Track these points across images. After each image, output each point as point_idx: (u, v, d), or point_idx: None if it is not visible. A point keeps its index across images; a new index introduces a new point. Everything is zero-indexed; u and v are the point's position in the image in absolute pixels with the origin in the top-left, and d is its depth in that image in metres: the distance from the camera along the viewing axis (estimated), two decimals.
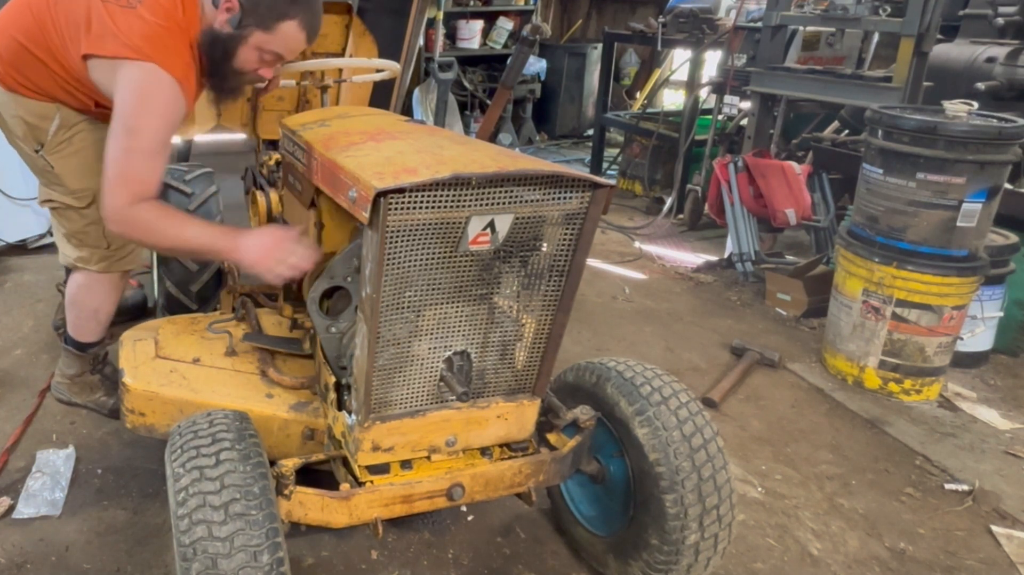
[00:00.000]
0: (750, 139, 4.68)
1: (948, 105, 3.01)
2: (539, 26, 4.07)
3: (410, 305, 1.64)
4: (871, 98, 3.81)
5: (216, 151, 7.05)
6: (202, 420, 1.68)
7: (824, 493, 2.57)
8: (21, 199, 4.26)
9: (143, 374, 2.13)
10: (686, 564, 1.85)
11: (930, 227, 2.99)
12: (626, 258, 4.84)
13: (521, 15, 8.21)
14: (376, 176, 1.49)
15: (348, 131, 1.99)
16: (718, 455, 1.84)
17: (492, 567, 2.19)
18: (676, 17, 5.64)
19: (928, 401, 3.16)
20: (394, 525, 2.28)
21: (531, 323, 1.77)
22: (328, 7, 3.46)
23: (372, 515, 1.74)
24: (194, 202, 2.94)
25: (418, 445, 1.79)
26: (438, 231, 1.55)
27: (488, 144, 1.87)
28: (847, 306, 3.26)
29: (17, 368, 3.18)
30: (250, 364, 2.22)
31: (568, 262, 1.69)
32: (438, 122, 4.72)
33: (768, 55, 4.49)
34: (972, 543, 2.36)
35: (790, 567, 2.23)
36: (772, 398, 3.17)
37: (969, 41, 4.16)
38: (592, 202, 1.62)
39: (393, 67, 2.71)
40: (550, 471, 1.90)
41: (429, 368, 1.74)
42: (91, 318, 2.60)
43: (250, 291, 2.75)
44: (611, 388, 1.94)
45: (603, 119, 6.51)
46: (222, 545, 1.43)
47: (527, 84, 7.84)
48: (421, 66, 7.35)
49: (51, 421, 2.80)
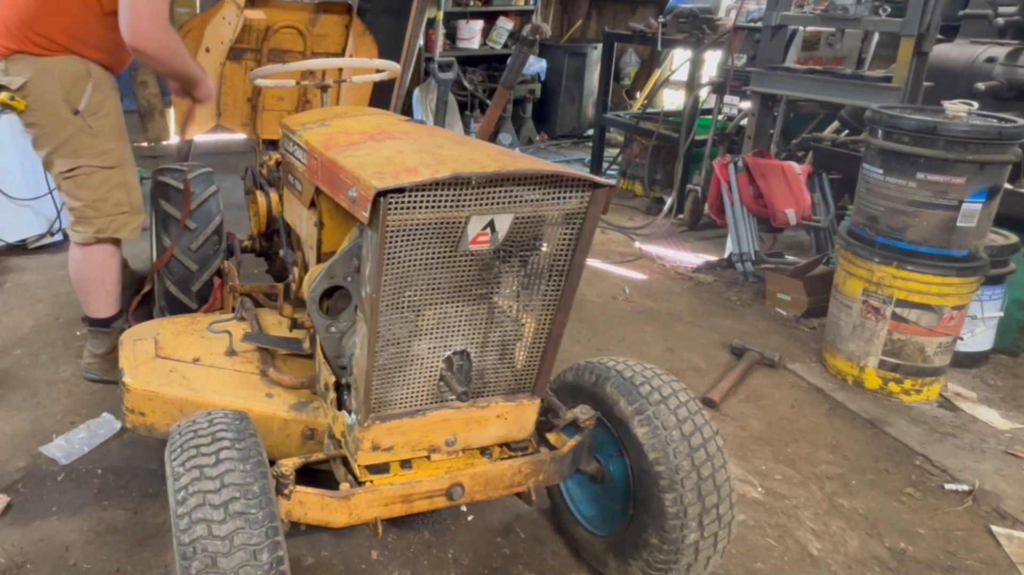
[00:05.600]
0: (750, 139, 4.68)
1: (948, 105, 3.02)
2: (539, 26, 4.07)
3: (410, 305, 1.64)
4: (871, 98, 3.81)
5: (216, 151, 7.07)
6: (202, 419, 1.68)
7: (824, 493, 2.57)
8: (21, 199, 4.27)
9: (143, 374, 2.13)
10: (686, 563, 1.85)
11: (930, 227, 2.99)
12: (626, 258, 4.84)
13: (521, 15, 8.22)
14: (376, 176, 1.49)
15: (348, 131, 1.99)
16: (717, 454, 1.84)
17: (492, 567, 2.19)
18: (676, 17, 5.65)
19: (928, 401, 3.16)
20: (394, 525, 2.29)
21: (531, 323, 1.77)
22: (328, 7, 3.47)
23: (372, 515, 1.74)
24: (194, 201, 2.94)
25: (418, 445, 1.79)
26: (438, 231, 1.55)
27: (488, 144, 1.87)
28: (847, 306, 3.26)
29: (17, 368, 3.18)
30: (250, 364, 2.22)
31: (568, 262, 1.69)
32: (438, 122, 4.72)
33: (768, 55, 4.49)
34: (972, 543, 2.36)
35: (790, 567, 2.23)
36: (772, 398, 3.17)
37: (969, 41, 4.16)
38: (592, 202, 1.62)
39: (393, 67, 2.71)
40: (550, 471, 1.90)
41: (429, 368, 1.74)
42: (99, 290, 2.80)
43: (250, 290, 2.75)
44: (610, 387, 1.94)
45: (603, 119, 6.51)
46: (222, 544, 1.43)
47: (527, 84, 7.84)
48: (421, 66, 7.36)
49: (51, 421, 2.80)
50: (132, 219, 2.77)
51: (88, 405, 2.90)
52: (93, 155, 2.62)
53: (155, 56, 2.44)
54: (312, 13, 3.48)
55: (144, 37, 2.37)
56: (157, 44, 2.41)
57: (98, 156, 2.63)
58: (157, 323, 2.46)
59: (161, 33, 2.40)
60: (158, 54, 2.44)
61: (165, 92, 6.75)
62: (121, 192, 2.70)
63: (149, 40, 2.38)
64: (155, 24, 2.37)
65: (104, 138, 2.64)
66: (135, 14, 2.33)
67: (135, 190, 2.77)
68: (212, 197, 3.00)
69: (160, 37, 2.41)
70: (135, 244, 3.77)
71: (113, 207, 2.70)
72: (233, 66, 3.44)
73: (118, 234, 2.74)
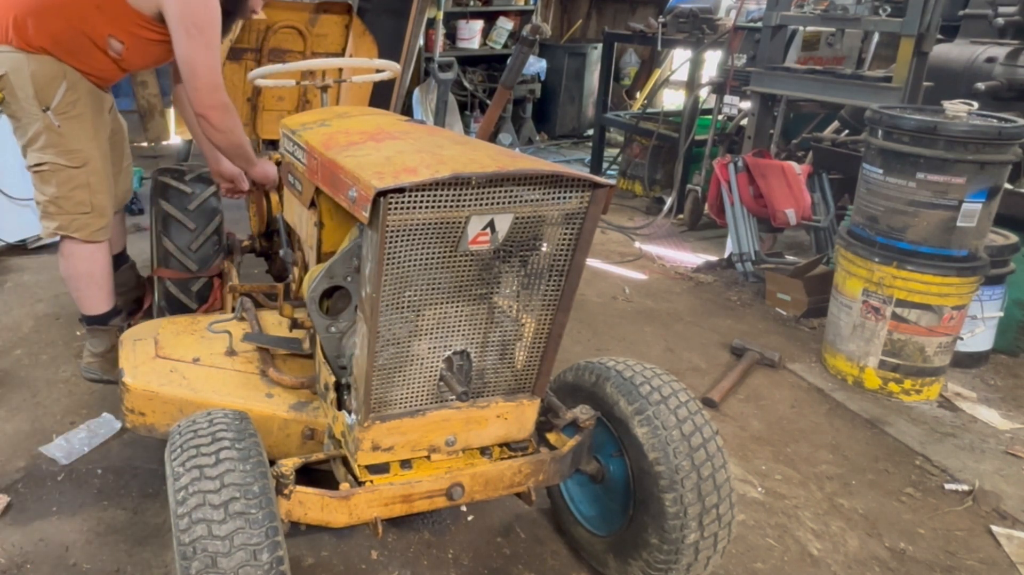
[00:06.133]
0: (750, 139, 4.68)
1: (948, 105, 3.01)
2: (539, 26, 4.07)
3: (410, 305, 1.64)
4: (871, 98, 3.81)
5: None
6: (202, 419, 1.68)
7: (824, 493, 2.57)
8: (21, 199, 4.26)
9: (143, 374, 2.13)
10: (686, 563, 1.85)
11: (930, 227, 2.99)
12: (626, 258, 4.84)
13: (521, 15, 8.22)
14: (376, 176, 1.49)
15: (348, 131, 1.99)
16: (717, 454, 1.84)
17: (492, 567, 2.19)
18: (676, 17, 5.64)
19: (928, 401, 3.16)
20: (394, 525, 2.29)
21: (531, 323, 1.77)
22: (328, 7, 3.48)
23: (372, 515, 1.74)
24: (194, 201, 2.94)
25: (418, 445, 1.79)
26: (438, 231, 1.55)
27: (488, 144, 1.87)
28: (847, 306, 3.26)
29: (17, 368, 3.18)
30: (250, 364, 2.22)
31: (568, 262, 1.69)
32: (438, 122, 4.72)
33: (768, 55, 4.49)
34: (972, 543, 2.36)
35: (790, 567, 2.23)
36: (772, 398, 3.17)
37: (969, 41, 4.16)
38: (592, 202, 1.62)
39: (393, 67, 2.71)
40: (550, 471, 1.90)
41: (429, 368, 1.74)
42: (90, 284, 2.82)
43: (250, 290, 2.75)
44: (610, 387, 1.94)
45: (603, 119, 6.51)
46: (222, 544, 1.43)
47: (527, 84, 7.84)
48: (421, 66, 7.35)
49: (51, 421, 2.80)
50: (93, 221, 2.75)
51: (88, 405, 2.90)
52: (59, 153, 2.64)
53: (218, 125, 2.53)
54: (312, 13, 3.48)
55: (208, 106, 2.48)
56: (221, 114, 2.51)
57: (64, 155, 2.64)
58: (157, 323, 2.46)
59: (222, 103, 2.51)
60: (221, 124, 2.53)
61: (165, 92, 6.74)
62: (84, 193, 2.70)
63: (213, 109, 2.49)
64: (216, 96, 2.48)
65: (72, 138, 2.65)
66: (197, 89, 2.46)
67: (100, 193, 2.74)
68: (212, 197, 3.00)
69: (222, 106, 2.52)
70: (135, 244, 3.77)
71: (75, 206, 2.70)
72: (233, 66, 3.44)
73: (78, 234, 2.73)
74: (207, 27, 2.43)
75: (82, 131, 2.66)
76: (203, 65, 2.44)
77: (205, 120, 2.53)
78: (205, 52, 2.44)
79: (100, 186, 2.75)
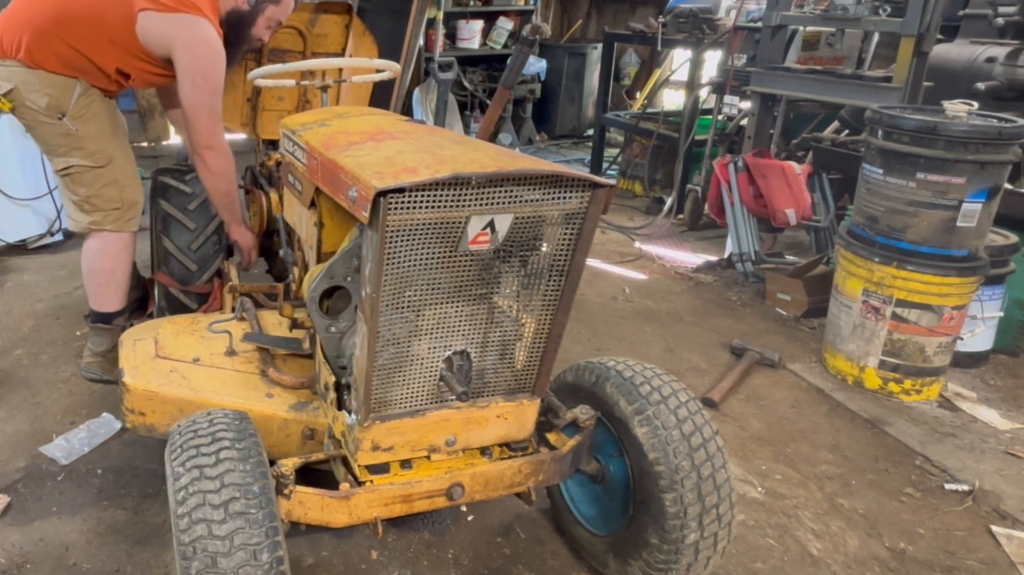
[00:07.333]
0: (750, 139, 4.68)
1: (948, 105, 3.01)
2: (539, 26, 4.07)
3: (410, 305, 1.64)
4: (871, 98, 3.81)
5: None
6: (202, 419, 1.68)
7: (824, 493, 2.57)
8: (21, 199, 4.27)
9: (143, 374, 2.13)
10: (686, 563, 1.85)
11: (930, 227, 2.99)
12: (626, 258, 4.84)
13: (521, 15, 8.21)
14: (376, 176, 1.49)
15: (348, 131, 1.99)
16: (717, 454, 1.84)
17: (492, 567, 2.19)
18: (676, 17, 5.64)
19: (928, 401, 3.16)
20: (394, 525, 2.29)
21: (531, 323, 1.77)
22: (328, 7, 3.47)
23: (372, 515, 1.74)
24: (194, 201, 2.94)
25: (418, 445, 1.79)
26: (438, 231, 1.55)
27: (488, 144, 1.87)
28: (847, 306, 3.26)
29: (17, 368, 3.18)
30: (250, 364, 2.22)
31: (568, 262, 1.69)
32: (438, 122, 4.71)
33: (768, 55, 4.49)
34: (972, 543, 2.36)
35: (790, 567, 2.23)
36: (772, 398, 3.17)
37: (969, 41, 4.16)
38: (592, 202, 1.62)
39: (393, 67, 2.71)
40: (550, 471, 1.90)
41: (429, 368, 1.74)
42: (109, 281, 2.87)
43: (250, 290, 2.75)
44: (610, 387, 1.94)
45: (603, 119, 6.51)
46: (222, 544, 1.43)
47: (527, 84, 7.84)
48: (421, 66, 7.35)
49: (51, 421, 2.80)
50: (125, 214, 2.83)
51: (88, 405, 2.90)
52: (83, 155, 2.70)
53: (212, 167, 2.67)
54: (312, 13, 3.48)
55: (205, 146, 2.63)
56: (216, 156, 2.66)
57: (88, 156, 2.71)
58: (157, 323, 2.46)
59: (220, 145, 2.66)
60: (215, 166, 2.67)
61: None
62: (113, 190, 2.77)
63: (210, 149, 2.64)
64: (215, 138, 2.64)
65: (91, 139, 2.70)
66: (198, 132, 2.61)
67: (128, 187, 2.81)
68: None
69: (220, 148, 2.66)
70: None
71: (106, 203, 2.77)
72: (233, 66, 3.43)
73: (111, 226, 2.81)
74: (212, 77, 2.56)
75: (100, 130, 2.73)
76: (206, 111, 2.57)
77: (200, 160, 2.66)
78: (209, 98, 2.57)
79: (127, 180, 2.82)
